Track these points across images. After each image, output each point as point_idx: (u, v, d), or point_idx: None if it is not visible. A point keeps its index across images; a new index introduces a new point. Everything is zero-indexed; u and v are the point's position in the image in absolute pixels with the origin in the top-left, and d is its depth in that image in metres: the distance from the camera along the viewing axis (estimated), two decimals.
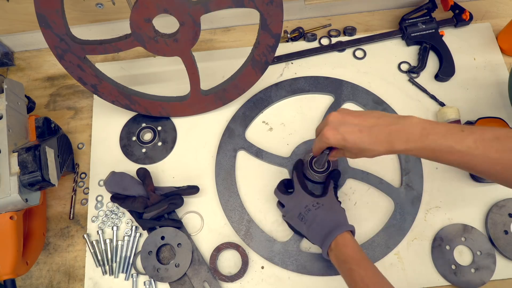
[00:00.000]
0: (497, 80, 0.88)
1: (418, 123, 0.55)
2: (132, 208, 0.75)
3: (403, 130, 0.55)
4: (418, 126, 0.55)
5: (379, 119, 0.57)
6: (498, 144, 0.51)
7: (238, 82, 0.81)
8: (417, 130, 0.55)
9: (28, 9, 0.82)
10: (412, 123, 0.55)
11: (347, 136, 0.57)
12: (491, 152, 0.51)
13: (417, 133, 0.54)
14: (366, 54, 0.92)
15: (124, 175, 0.77)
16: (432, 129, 0.54)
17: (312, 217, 0.66)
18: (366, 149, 0.57)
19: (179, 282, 0.73)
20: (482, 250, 0.73)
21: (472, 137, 0.52)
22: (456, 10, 0.92)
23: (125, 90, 0.79)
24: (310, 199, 0.69)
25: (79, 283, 0.75)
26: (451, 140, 0.53)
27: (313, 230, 0.66)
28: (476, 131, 0.52)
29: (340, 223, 0.65)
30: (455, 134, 0.53)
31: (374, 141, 0.56)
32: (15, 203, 0.64)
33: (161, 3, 0.62)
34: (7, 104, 0.69)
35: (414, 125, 0.55)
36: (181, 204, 0.76)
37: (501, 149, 0.50)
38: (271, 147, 0.83)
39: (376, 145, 0.56)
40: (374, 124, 0.57)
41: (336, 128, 0.58)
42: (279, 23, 0.69)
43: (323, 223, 0.66)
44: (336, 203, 0.69)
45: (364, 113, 0.59)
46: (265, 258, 0.74)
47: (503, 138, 0.51)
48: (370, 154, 0.58)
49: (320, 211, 0.67)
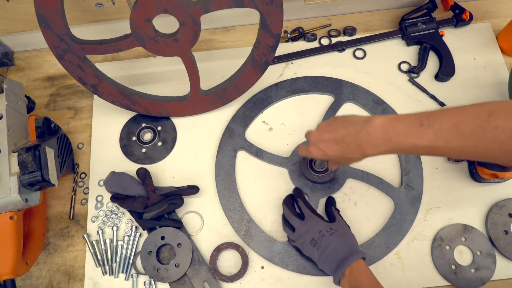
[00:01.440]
0: (497, 80, 0.88)
1: (380, 126, 0.56)
2: (132, 208, 0.75)
3: (368, 135, 0.57)
4: (380, 129, 0.56)
5: (348, 129, 0.59)
6: (458, 132, 0.50)
7: (238, 82, 0.81)
8: (380, 134, 0.56)
9: (28, 9, 0.82)
10: (375, 127, 0.56)
11: (327, 151, 0.62)
12: (453, 142, 0.51)
13: (381, 137, 0.56)
14: (366, 54, 0.92)
15: (124, 175, 0.77)
16: (393, 130, 0.55)
17: (326, 243, 0.65)
18: (346, 158, 0.61)
19: (179, 282, 0.73)
20: (482, 250, 0.73)
21: (431, 130, 0.52)
22: (456, 10, 0.92)
23: (125, 90, 0.79)
24: (323, 224, 0.68)
25: (79, 283, 0.75)
26: (412, 138, 0.53)
27: (326, 257, 0.65)
28: (435, 122, 0.52)
29: (354, 250, 0.65)
30: (415, 130, 0.53)
31: (349, 150, 0.59)
32: (15, 203, 0.64)
33: (161, 3, 0.62)
34: (7, 104, 0.68)
35: (377, 129, 0.56)
36: (181, 204, 0.76)
37: (462, 137, 0.50)
38: (271, 147, 0.83)
39: (352, 153, 0.59)
40: (345, 134, 0.59)
41: (317, 145, 0.63)
42: (279, 23, 0.69)
43: (338, 249, 0.65)
44: (347, 228, 0.69)
45: (337, 125, 0.61)
46: (265, 258, 0.74)
47: (460, 124, 0.50)
48: (353, 161, 0.63)
49: (334, 237, 0.66)
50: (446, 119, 0.51)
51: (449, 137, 0.51)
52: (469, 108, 0.51)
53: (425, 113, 0.54)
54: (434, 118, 0.52)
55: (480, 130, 0.49)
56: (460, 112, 0.51)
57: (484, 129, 0.48)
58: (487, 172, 0.74)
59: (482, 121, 0.49)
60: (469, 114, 0.50)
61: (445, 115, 0.52)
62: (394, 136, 0.54)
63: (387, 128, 0.55)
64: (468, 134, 0.50)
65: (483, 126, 0.49)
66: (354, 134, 0.58)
